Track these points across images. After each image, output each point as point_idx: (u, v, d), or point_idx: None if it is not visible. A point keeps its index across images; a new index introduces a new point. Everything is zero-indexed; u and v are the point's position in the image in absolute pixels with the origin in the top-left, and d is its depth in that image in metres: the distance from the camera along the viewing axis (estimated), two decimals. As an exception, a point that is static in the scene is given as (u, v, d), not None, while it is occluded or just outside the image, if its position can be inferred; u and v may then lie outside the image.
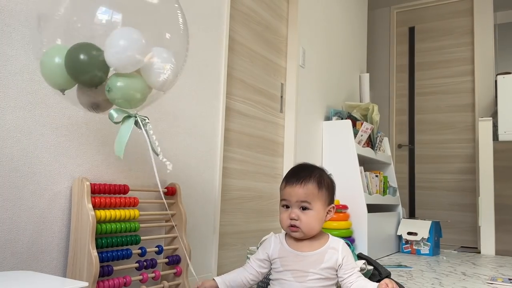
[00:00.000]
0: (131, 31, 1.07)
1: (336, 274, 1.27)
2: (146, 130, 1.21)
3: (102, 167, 1.49)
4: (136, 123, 1.20)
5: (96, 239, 1.35)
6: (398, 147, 4.61)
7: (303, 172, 1.30)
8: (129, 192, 1.51)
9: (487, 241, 3.45)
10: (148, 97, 1.20)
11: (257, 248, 1.68)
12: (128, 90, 1.10)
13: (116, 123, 1.18)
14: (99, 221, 1.37)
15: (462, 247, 4.04)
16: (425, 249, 3.31)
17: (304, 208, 1.26)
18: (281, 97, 2.79)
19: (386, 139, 3.77)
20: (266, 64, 2.64)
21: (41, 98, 1.31)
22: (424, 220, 3.50)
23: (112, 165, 1.53)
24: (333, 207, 1.32)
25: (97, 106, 1.14)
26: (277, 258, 1.29)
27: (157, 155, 1.25)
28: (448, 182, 4.32)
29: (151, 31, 1.14)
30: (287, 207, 1.28)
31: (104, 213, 1.38)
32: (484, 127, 3.53)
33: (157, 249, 1.59)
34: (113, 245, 1.41)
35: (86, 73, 1.05)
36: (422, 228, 3.34)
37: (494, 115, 3.67)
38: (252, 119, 2.48)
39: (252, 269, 1.33)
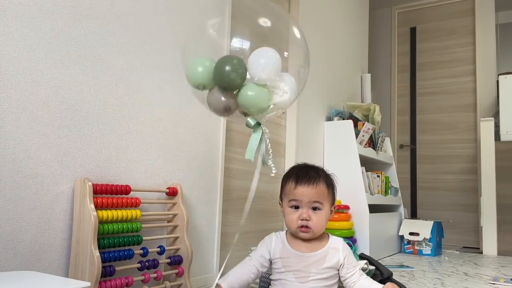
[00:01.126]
0: (273, 52, 1.29)
1: (338, 274, 1.28)
2: (266, 140, 1.37)
3: (104, 168, 1.49)
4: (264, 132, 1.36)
5: (98, 240, 1.35)
6: (399, 147, 4.61)
7: (312, 172, 1.30)
8: (131, 192, 1.51)
9: (489, 241, 3.44)
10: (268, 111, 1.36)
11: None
12: (257, 98, 1.28)
13: (250, 127, 1.35)
14: (101, 222, 1.37)
15: (464, 247, 4.03)
16: (427, 250, 3.30)
17: (314, 208, 1.26)
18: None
19: (387, 139, 3.77)
20: (268, 65, 2.64)
21: (43, 99, 1.32)
22: (426, 220, 3.49)
23: (114, 166, 1.53)
24: (335, 207, 1.33)
25: (229, 109, 1.31)
26: (279, 259, 1.29)
27: (266, 165, 1.37)
28: (450, 182, 4.31)
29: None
30: (297, 207, 1.27)
31: (106, 214, 1.38)
32: (486, 127, 3.52)
33: (159, 249, 1.60)
34: (115, 245, 1.41)
35: (229, 77, 1.25)
36: (424, 228, 3.34)
37: (496, 115, 3.66)
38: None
39: (254, 268, 1.32)
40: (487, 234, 3.46)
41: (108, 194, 1.44)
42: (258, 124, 1.33)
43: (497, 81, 3.70)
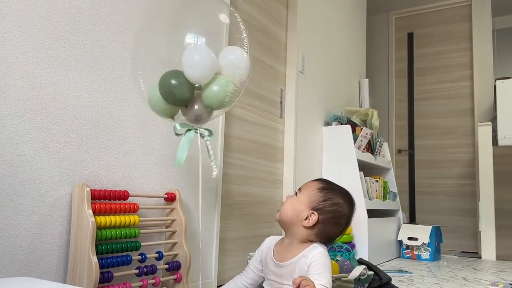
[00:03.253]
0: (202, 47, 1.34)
1: None
2: (206, 141, 1.40)
3: (102, 173, 1.49)
4: (201, 135, 1.40)
5: (96, 245, 1.35)
6: (398, 152, 4.62)
7: (334, 185, 1.30)
8: (129, 198, 1.51)
9: (488, 246, 3.44)
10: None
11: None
12: (215, 96, 1.35)
13: (178, 135, 1.39)
14: (99, 227, 1.37)
15: (462, 252, 4.03)
16: (425, 254, 3.30)
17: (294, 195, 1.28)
18: (281, 102, 2.80)
19: (385, 144, 3.78)
20: (266, 70, 2.65)
21: (41, 105, 1.32)
22: (425, 225, 3.49)
23: (112, 171, 1.53)
24: (316, 216, 1.21)
25: (200, 118, 1.39)
26: (263, 266, 1.28)
27: (212, 163, 1.43)
28: (448, 187, 4.32)
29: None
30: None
31: (104, 219, 1.38)
32: (484, 132, 3.54)
33: (157, 255, 1.59)
34: (113, 251, 1.41)
35: (176, 97, 1.34)
36: (422, 233, 3.34)
37: (494, 120, 3.67)
38: (252, 125, 2.48)
39: (250, 273, 1.31)
40: (485, 239, 3.46)
41: (106, 200, 1.44)
42: (189, 129, 1.39)
43: (495, 86, 3.72)
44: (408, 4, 4.57)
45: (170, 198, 1.67)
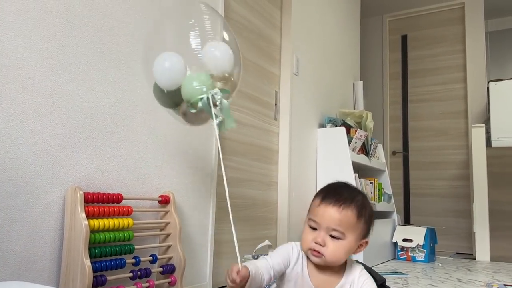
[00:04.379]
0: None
1: None
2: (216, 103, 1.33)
3: (95, 176, 1.49)
4: (208, 100, 1.32)
5: (90, 249, 1.34)
6: (392, 154, 4.63)
7: (346, 193, 1.10)
8: (123, 201, 1.50)
9: (482, 247, 3.46)
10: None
11: (253, 256, 1.63)
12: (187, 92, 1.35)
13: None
14: (93, 231, 1.36)
15: (457, 253, 4.04)
16: (420, 256, 3.31)
17: (333, 237, 1.06)
18: (275, 104, 2.80)
19: (380, 146, 3.79)
20: (260, 72, 2.65)
21: (34, 108, 1.31)
22: (419, 226, 3.50)
23: (105, 174, 1.52)
24: (366, 242, 1.13)
25: (185, 114, 1.41)
26: (293, 281, 1.13)
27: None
28: (443, 188, 4.33)
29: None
30: (314, 229, 1.08)
31: (98, 222, 1.37)
32: (477, 133, 3.55)
33: (151, 258, 1.58)
34: (106, 254, 1.40)
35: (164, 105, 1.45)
36: (417, 234, 3.35)
37: (487, 122, 3.70)
38: (246, 127, 2.48)
39: (268, 274, 1.11)
40: (480, 240, 3.47)
41: (99, 203, 1.43)
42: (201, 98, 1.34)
43: (488, 88, 3.75)
44: (401, 6, 4.60)
45: (164, 201, 1.67)
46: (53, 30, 1.38)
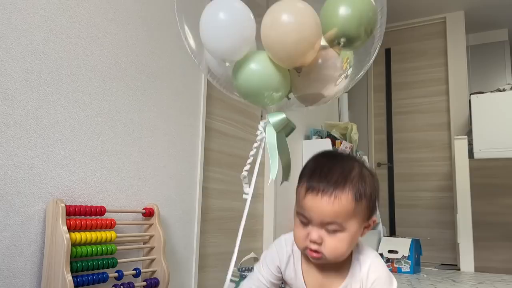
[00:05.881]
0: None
1: None
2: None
3: (78, 188, 1.46)
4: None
5: (71, 263, 1.31)
6: (377, 166, 4.67)
7: (336, 172, 0.85)
8: (106, 213, 1.48)
9: (466, 258, 3.48)
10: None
11: (238, 269, 1.61)
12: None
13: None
14: (74, 244, 1.33)
15: (442, 264, 4.06)
16: (405, 267, 3.32)
17: (330, 231, 0.85)
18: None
19: (365, 158, 3.81)
20: (246, 84, 2.66)
21: (15, 119, 1.29)
22: (405, 238, 3.52)
23: (88, 186, 1.50)
24: (374, 221, 0.92)
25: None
26: (289, 283, 0.95)
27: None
28: (427, 199, 4.37)
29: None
30: (305, 223, 0.87)
31: (80, 236, 1.35)
32: (460, 145, 3.60)
33: (134, 272, 1.55)
34: (88, 268, 1.37)
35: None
36: (402, 246, 3.36)
37: (469, 134, 3.75)
38: (232, 139, 2.48)
39: (263, 286, 0.96)
40: (464, 251, 3.50)
41: (82, 216, 1.40)
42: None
43: (469, 101, 3.81)
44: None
45: (148, 213, 1.65)
46: (36, 41, 1.36)
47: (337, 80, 1.07)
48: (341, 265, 0.90)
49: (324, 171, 0.86)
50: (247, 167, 1.04)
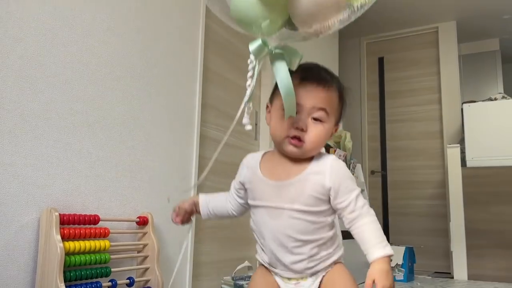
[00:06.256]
0: None
1: (330, 207, 0.96)
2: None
3: (72, 197, 1.46)
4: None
5: (65, 272, 1.30)
6: (371, 173, 4.68)
7: (323, 72, 1.00)
8: (100, 222, 1.48)
9: (460, 266, 3.49)
10: None
11: (232, 278, 1.62)
12: None
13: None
14: (68, 253, 1.32)
15: (435, 272, 4.07)
16: (399, 275, 3.32)
17: (316, 119, 0.94)
18: (256, 124, 2.82)
19: (359, 166, 3.83)
20: (240, 92, 2.67)
21: (10, 127, 1.29)
22: (398, 246, 3.53)
23: (82, 195, 1.50)
24: (336, 129, 1.03)
25: None
26: (249, 188, 1.03)
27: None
28: (420, 207, 4.39)
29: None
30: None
31: (73, 245, 1.34)
32: (452, 154, 3.63)
33: (128, 281, 1.55)
34: (82, 278, 1.36)
35: None
36: (396, 254, 3.36)
37: (462, 142, 3.79)
38: (226, 147, 2.48)
39: (233, 200, 1.10)
40: (457, 259, 3.51)
41: (76, 225, 1.40)
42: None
43: (462, 109, 3.85)
44: (378, 30, 4.72)
45: (142, 222, 1.64)
46: (31, 49, 1.36)
47: None
48: (302, 162, 0.97)
49: (315, 69, 1.00)
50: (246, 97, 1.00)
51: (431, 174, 4.38)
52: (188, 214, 1.14)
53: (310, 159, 0.97)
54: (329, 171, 0.94)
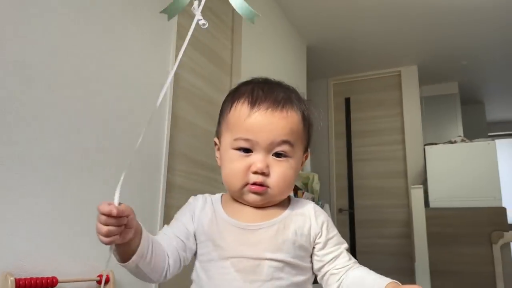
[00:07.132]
0: None
1: (310, 264, 0.78)
2: None
3: (28, 259, 1.39)
4: None
5: None
6: (339, 211, 4.73)
7: (278, 89, 0.79)
8: (58, 284, 1.41)
9: (425, 307, 3.53)
10: None
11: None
12: None
13: None
14: (22, 322, 1.26)
15: (402, 312, 4.09)
16: (367, 318, 3.31)
17: (279, 155, 0.75)
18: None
19: (327, 206, 3.86)
20: (210, 138, 2.67)
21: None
22: (365, 287, 3.53)
23: (39, 256, 1.43)
24: (306, 156, 0.83)
25: None
26: (207, 235, 0.77)
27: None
28: (386, 246, 4.45)
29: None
30: (247, 150, 0.75)
31: (28, 313, 1.28)
32: (416, 194, 3.73)
33: None
34: None
35: None
36: (363, 296, 3.37)
37: (425, 182, 3.90)
38: (195, 194, 2.45)
39: (173, 250, 0.78)
40: (423, 299, 3.55)
41: (31, 289, 1.33)
42: None
43: (424, 150, 3.98)
44: (344, 71, 4.88)
45: (103, 281, 1.59)
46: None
47: None
48: (277, 205, 0.78)
49: (266, 89, 0.78)
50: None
51: (396, 213, 4.47)
52: (124, 225, 0.67)
53: (286, 199, 0.81)
54: (314, 215, 0.79)
